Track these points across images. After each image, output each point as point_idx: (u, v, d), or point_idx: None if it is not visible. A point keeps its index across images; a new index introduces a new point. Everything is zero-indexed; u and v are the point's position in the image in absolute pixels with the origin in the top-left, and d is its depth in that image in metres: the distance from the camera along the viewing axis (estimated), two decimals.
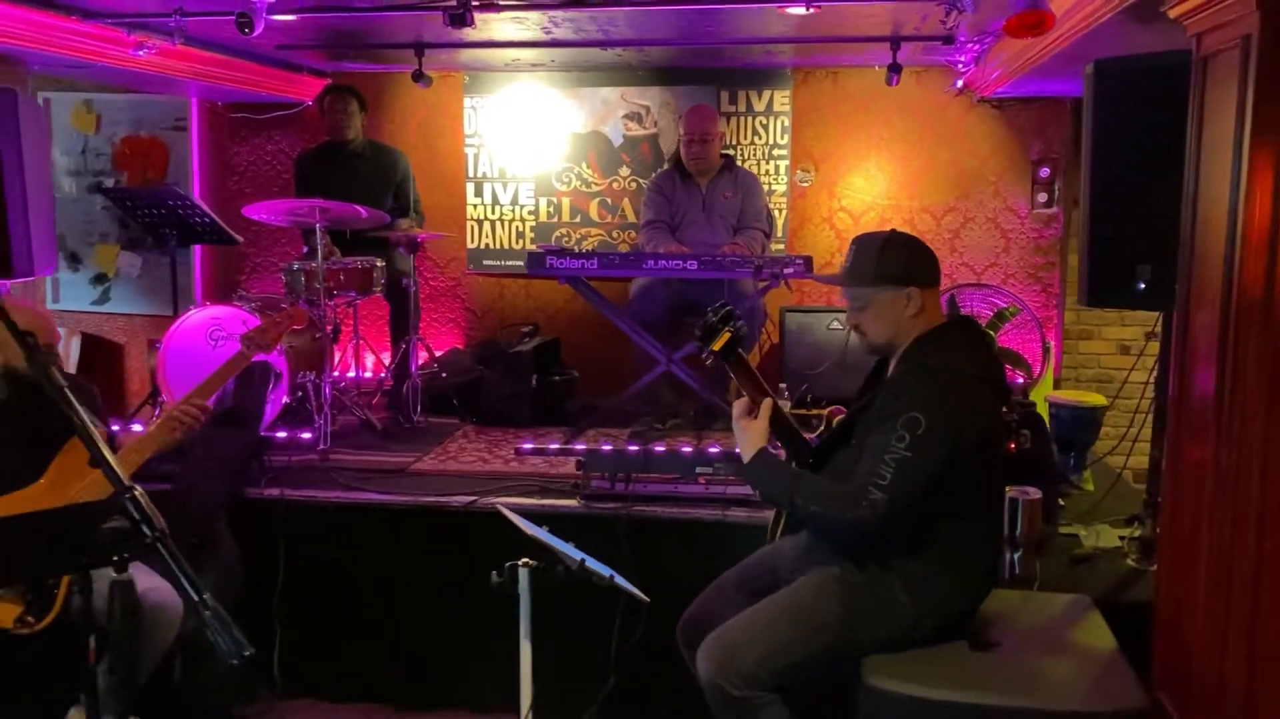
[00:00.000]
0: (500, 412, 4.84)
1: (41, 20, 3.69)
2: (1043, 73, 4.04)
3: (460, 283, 5.98)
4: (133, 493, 1.62)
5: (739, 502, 3.53)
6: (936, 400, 2.35)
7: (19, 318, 3.11)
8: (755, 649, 2.41)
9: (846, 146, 5.56)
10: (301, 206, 4.30)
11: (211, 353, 4.21)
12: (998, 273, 5.44)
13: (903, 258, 2.51)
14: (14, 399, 3.08)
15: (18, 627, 2.92)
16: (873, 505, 2.31)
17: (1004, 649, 2.48)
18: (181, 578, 1.59)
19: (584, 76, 5.66)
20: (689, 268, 4.28)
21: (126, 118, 5.91)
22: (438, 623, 3.67)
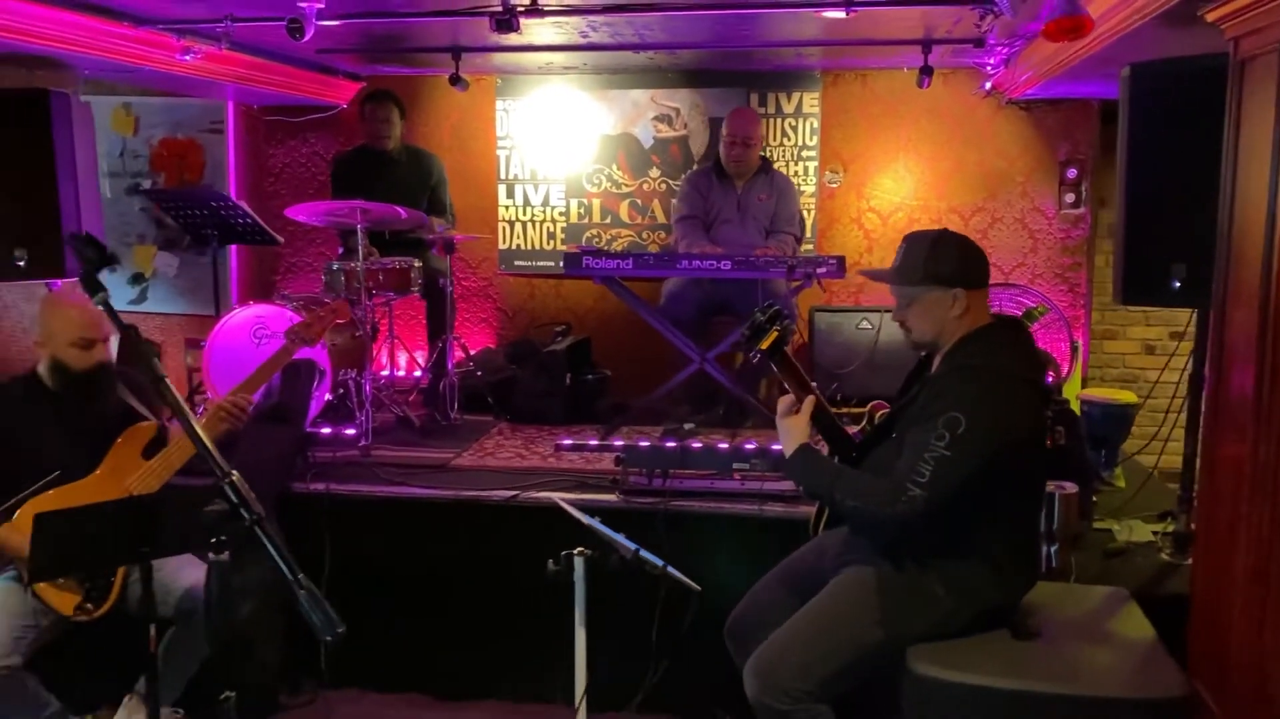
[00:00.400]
0: (534, 409, 4.91)
1: (94, 26, 3.78)
2: (1073, 75, 4.09)
3: (492, 283, 6.07)
4: (231, 478, 1.69)
5: (775, 497, 3.59)
6: (978, 401, 2.39)
7: (74, 313, 3.24)
8: (798, 663, 2.46)
9: (875, 148, 5.62)
10: (342, 208, 4.38)
11: (255, 350, 4.29)
12: (1025, 272, 5.49)
13: (951, 258, 2.55)
14: (65, 392, 3.18)
15: (77, 614, 3.01)
16: (911, 502, 2.37)
17: (1045, 639, 2.54)
18: (277, 558, 1.66)
19: (614, 79, 5.74)
20: (722, 268, 4.34)
21: (164, 120, 6.01)
22: (479, 615, 3.74)
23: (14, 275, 3.91)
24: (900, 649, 2.48)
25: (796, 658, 2.47)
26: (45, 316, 3.19)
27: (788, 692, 2.43)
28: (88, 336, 3.13)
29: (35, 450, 3.11)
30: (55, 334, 3.14)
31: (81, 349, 3.13)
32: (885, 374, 5.05)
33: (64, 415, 3.19)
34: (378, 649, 3.79)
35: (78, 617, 3.02)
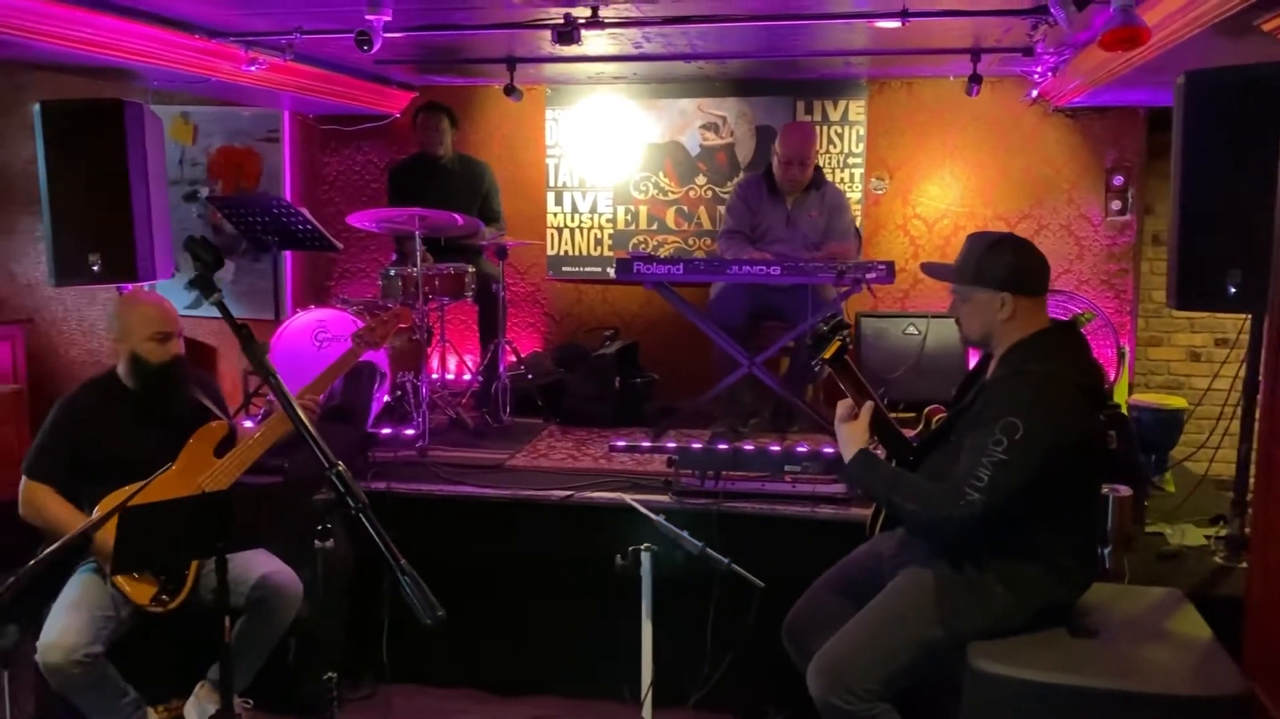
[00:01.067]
0: (584, 412, 5.00)
1: (167, 38, 3.92)
2: (1123, 83, 4.13)
3: (540, 288, 6.17)
4: (337, 468, 1.78)
5: (827, 499, 3.65)
6: (1034, 406, 2.43)
7: (149, 309, 3.35)
8: (861, 663, 2.51)
9: (921, 155, 5.67)
10: (401, 215, 4.49)
11: (317, 353, 4.41)
12: (1071, 279, 5.51)
13: (1004, 263, 2.59)
14: (143, 389, 3.30)
15: (153, 605, 3.12)
16: (969, 506, 2.41)
17: (1103, 637, 2.58)
18: (382, 545, 1.74)
19: (662, 88, 5.83)
20: (772, 273, 4.39)
21: (221, 129, 6.17)
22: (534, 611, 3.82)
23: (89, 279, 4.05)
24: (960, 646, 2.52)
25: (860, 657, 2.52)
26: (122, 315, 3.30)
27: (853, 690, 2.48)
28: (163, 331, 3.25)
29: (116, 448, 3.22)
30: (133, 330, 3.25)
31: (159, 343, 3.25)
32: (932, 379, 5.11)
33: (142, 414, 3.30)
34: (435, 645, 3.86)
35: (153, 608, 3.13)
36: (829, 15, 3.68)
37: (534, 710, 3.75)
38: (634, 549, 2.57)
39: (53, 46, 3.51)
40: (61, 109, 4.02)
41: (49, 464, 3.20)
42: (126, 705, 3.15)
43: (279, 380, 1.93)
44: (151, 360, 3.24)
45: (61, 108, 4.02)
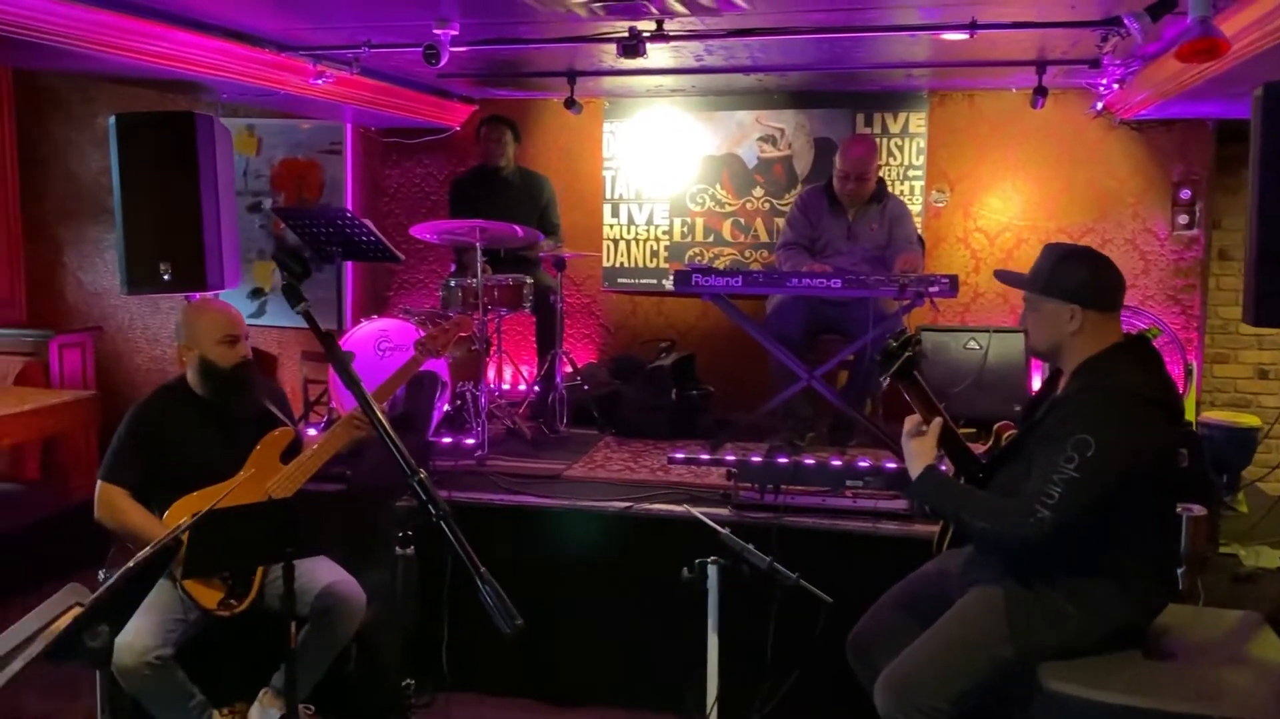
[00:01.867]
0: (640, 423, 5.00)
1: (239, 52, 4.00)
2: (1194, 95, 4.06)
3: (596, 300, 6.19)
4: (419, 476, 1.80)
5: (889, 515, 3.62)
6: (1107, 423, 2.39)
7: (217, 314, 3.42)
8: (929, 681, 2.48)
9: (982, 168, 5.61)
10: (462, 226, 4.54)
11: (379, 362, 4.46)
12: (1136, 294, 5.42)
13: (1077, 275, 2.56)
14: (213, 394, 3.36)
15: (220, 609, 3.17)
16: (1040, 523, 2.38)
17: (1179, 659, 2.52)
18: (461, 552, 1.76)
19: (720, 100, 5.84)
20: (833, 286, 4.36)
21: (285, 141, 6.28)
22: (592, 622, 3.82)
23: (159, 288, 4.14)
24: (1031, 666, 2.48)
25: (929, 675, 2.49)
26: (191, 321, 3.36)
27: (921, 709, 2.46)
28: (232, 334, 3.32)
29: (186, 453, 3.28)
30: (202, 335, 3.31)
31: (228, 346, 3.31)
32: (993, 394, 5.05)
33: (212, 420, 3.36)
34: (494, 654, 3.88)
35: (220, 612, 3.18)
36: (895, 28, 3.66)
37: None
38: (700, 562, 2.57)
39: (130, 60, 3.60)
40: (134, 121, 4.11)
41: (123, 469, 3.26)
42: (194, 708, 3.20)
43: (363, 388, 1.95)
44: (221, 364, 3.30)
45: (134, 120, 4.11)
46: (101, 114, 6.48)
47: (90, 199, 6.59)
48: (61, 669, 3.96)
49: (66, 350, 5.56)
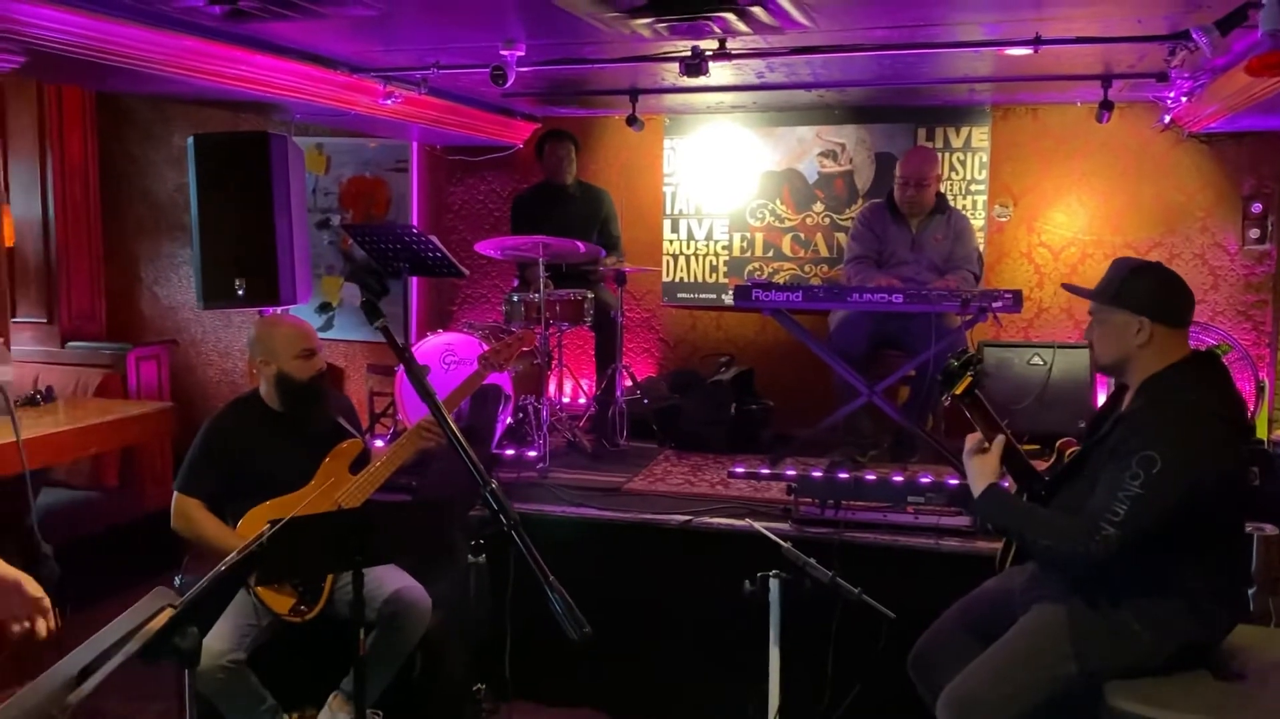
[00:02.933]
0: (699, 437, 5.04)
1: (314, 74, 4.13)
2: (1265, 108, 4.00)
3: (655, 315, 6.24)
4: (492, 486, 1.85)
5: (952, 531, 3.60)
6: (1173, 440, 2.38)
7: (292, 330, 3.52)
8: (992, 699, 2.48)
9: (1046, 182, 5.57)
10: (526, 243, 4.62)
11: (444, 375, 4.55)
12: (1206, 309, 5.32)
13: (1147, 288, 2.55)
14: (288, 406, 3.46)
15: (291, 615, 3.26)
16: (1105, 541, 2.37)
17: (1250, 681, 2.49)
18: (531, 561, 1.81)
19: (780, 116, 5.87)
20: (894, 300, 4.36)
21: (353, 160, 6.43)
22: (654, 635, 3.85)
23: (234, 302, 4.28)
24: (1097, 686, 2.47)
25: (992, 693, 2.49)
26: (267, 336, 3.47)
27: None
28: (309, 347, 3.42)
29: (260, 465, 3.38)
30: (279, 350, 3.42)
31: (305, 359, 3.41)
32: (1057, 410, 4.99)
33: (285, 432, 3.46)
34: (556, 665, 3.93)
35: (291, 618, 3.27)
36: (958, 44, 3.66)
37: None
38: (762, 575, 2.59)
39: (214, 84, 3.74)
40: (212, 141, 4.27)
41: (198, 481, 3.37)
42: (265, 712, 3.29)
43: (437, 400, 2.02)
44: (299, 377, 3.40)
45: (212, 140, 4.27)
46: (177, 134, 6.71)
47: (165, 216, 6.81)
48: (139, 672, 4.11)
49: (143, 363, 5.75)
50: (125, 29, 3.20)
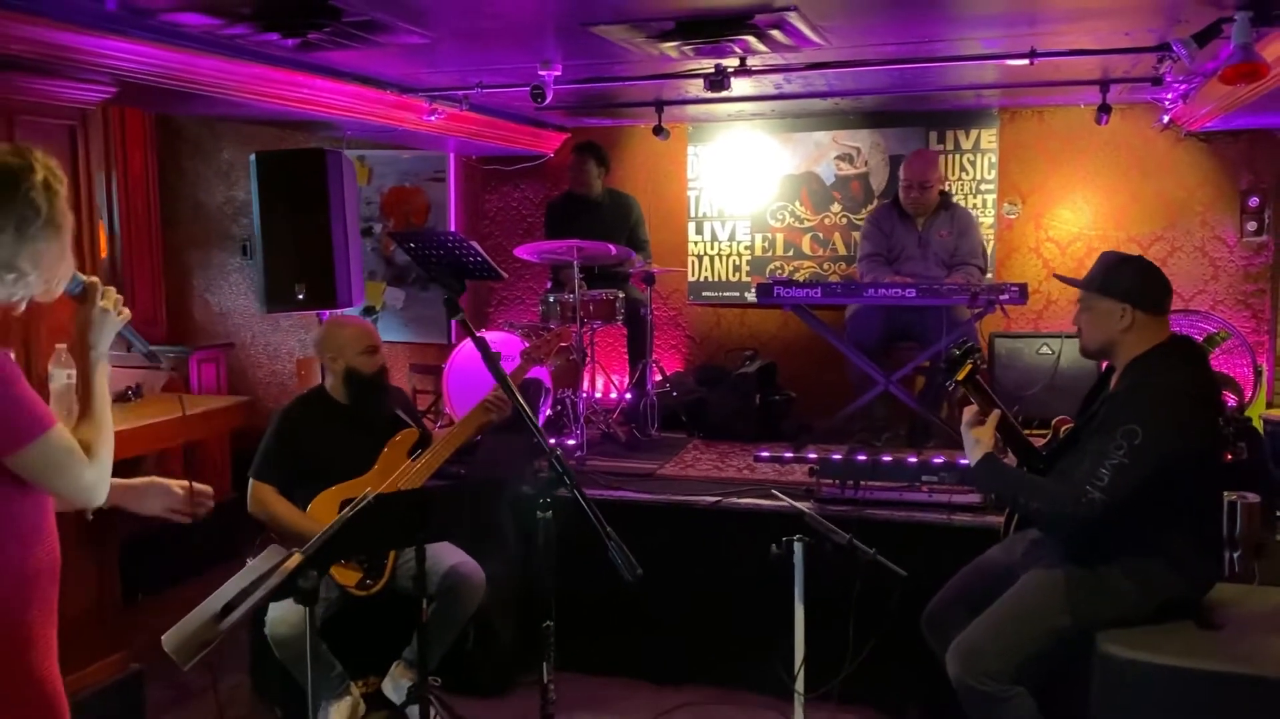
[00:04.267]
0: (725, 427, 5.33)
1: (367, 94, 4.47)
2: (1253, 109, 4.26)
3: (681, 313, 6.56)
4: (557, 452, 2.16)
5: (963, 507, 3.88)
6: (1154, 415, 2.66)
7: (356, 329, 3.85)
8: (996, 648, 2.75)
9: (1053, 180, 5.84)
10: (561, 247, 4.93)
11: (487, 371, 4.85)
12: (1206, 299, 5.58)
13: (1129, 277, 2.83)
14: (353, 399, 3.79)
15: (358, 589, 3.58)
16: (1090, 504, 2.65)
17: (1229, 630, 2.76)
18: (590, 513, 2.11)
19: (798, 122, 6.17)
20: (907, 295, 4.64)
21: (393, 171, 6.78)
22: (687, 607, 4.13)
23: (294, 306, 4.60)
24: (1089, 636, 2.75)
25: (996, 643, 2.77)
26: (335, 336, 3.80)
27: (989, 673, 2.73)
28: (373, 344, 3.77)
29: (327, 453, 3.71)
30: (346, 347, 3.75)
31: (369, 355, 3.76)
32: (1066, 397, 5.21)
33: (349, 422, 3.79)
34: (598, 636, 4.21)
35: (358, 591, 3.59)
36: (960, 57, 3.95)
37: (687, 698, 4.05)
38: (787, 539, 2.89)
39: (278, 106, 4.08)
40: (273, 158, 4.59)
41: (271, 468, 3.69)
42: (335, 678, 3.61)
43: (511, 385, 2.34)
44: (364, 371, 3.74)
45: (273, 157, 4.59)
46: (226, 149, 7.09)
47: (215, 227, 7.19)
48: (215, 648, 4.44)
49: (204, 365, 6.11)
50: (204, 60, 3.54)
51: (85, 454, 1.82)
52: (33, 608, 1.83)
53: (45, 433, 1.76)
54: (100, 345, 1.96)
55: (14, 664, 1.80)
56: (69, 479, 1.80)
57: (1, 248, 1.77)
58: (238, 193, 7.10)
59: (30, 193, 1.79)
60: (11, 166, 1.80)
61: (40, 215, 1.79)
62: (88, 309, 1.95)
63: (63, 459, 1.78)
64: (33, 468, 1.76)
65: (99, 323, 1.96)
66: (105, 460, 1.86)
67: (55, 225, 1.83)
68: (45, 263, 1.82)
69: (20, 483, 1.78)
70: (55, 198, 1.84)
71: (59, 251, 1.85)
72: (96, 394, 1.93)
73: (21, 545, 1.81)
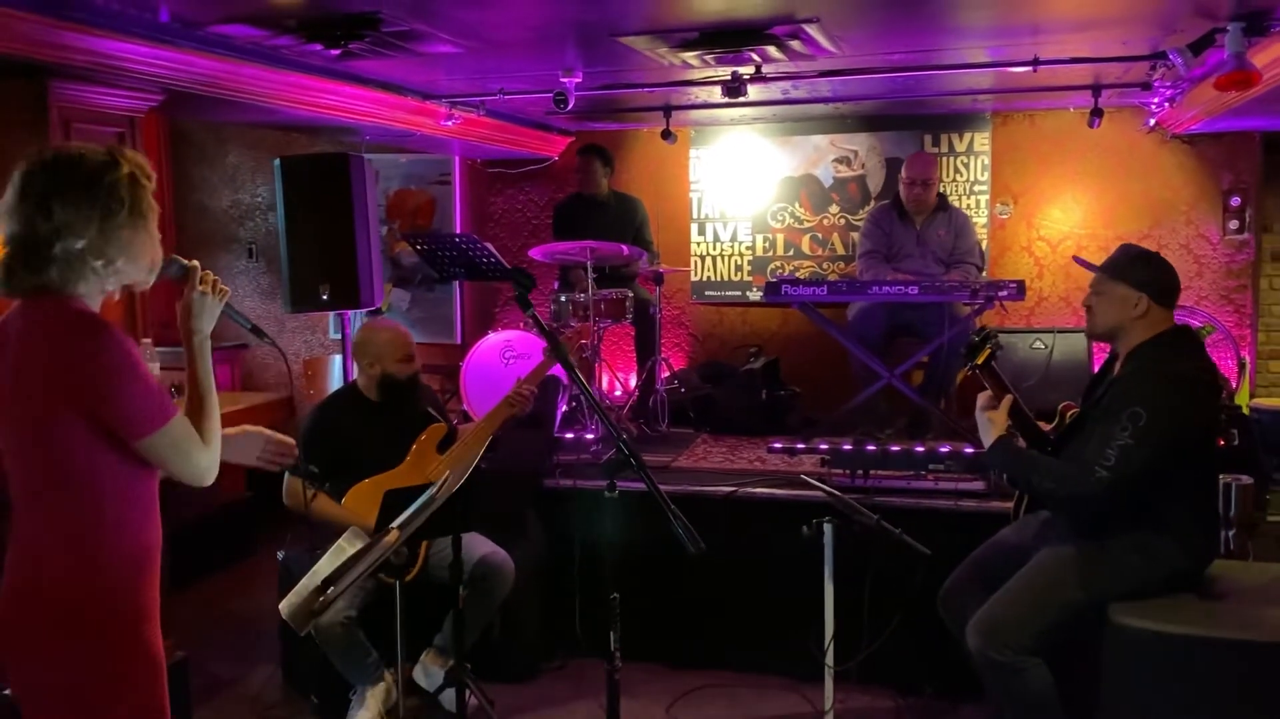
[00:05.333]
0: (733, 422, 5.51)
1: (388, 100, 4.61)
2: (1238, 113, 4.48)
3: (685, 311, 6.73)
4: (623, 435, 2.31)
5: (969, 494, 4.07)
6: (1157, 399, 2.85)
7: (395, 335, 3.98)
8: (1014, 621, 2.93)
9: (1044, 181, 6.06)
10: (574, 248, 5.08)
11: (504, 369, 5.02)
12: (1191, 295, 5.81)
13: (1148, 269, 3.01)
14: (386, 399, 3.94)
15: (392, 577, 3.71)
16: (1098, 483, 2.83)
17: (1229, 601, 2.96)
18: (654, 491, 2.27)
19: (797, 126, 6.36)
20: (909, 292, 4.82)
21: (399, 174, 6.90)
22: (704, 593, 4.29)
23: (318, 306, 4.71)
24: (1101, 609, 2.94)
25: (1013, 617, 2.95)
26: (374, 341, 3.93)
27: (1009, 645, 2.91)
28: (409, 352, 3.91)
29: (359, 447, 3.86)
30: (384, 353, 3.90)
31: (405, 362, 3.90)
32: (1059, 390, 5.42)
33: (381, 419, 3.93)
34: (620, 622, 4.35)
35: (391, 580, 3.72)
36: (967, 65, 4.14)
37: (708, 681, 4.20)
38: (817, 521, 3.06)
39: (308, 112, 4.22)
40: (297, 162, 4.67)
41: (307, 461, 3.83)
42: (370, 665, 3.74)
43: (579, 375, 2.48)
44: (400, 376, 3.89)
45: (297, 162, 4.67)
46: (231, 153, 7.19)
47: (221, 230, 7.29)
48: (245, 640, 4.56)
49: (219, 365, 6.19)
50: (246, 68, 3.68)
51: (201, 439, 1.96)
52: (146, 580, 1.98)
53: (170, 420, 1.90)
54: (203, 329, 2.08)
55: (131, 634, 1.94)
56: (190, 464, 1.94)
57: (90, 238, 1.89)
58: (244, 196, 7.21)
59: (116, 185, 1.92)
60: (96, 162, 1.93)
61: (124, 206, 1.92)
62: (189, 294, 2.07)
63: (185, 445, 1.92)
64: (159, 452, 1.90)
65: (199, 306, 2.07)
66: (216, 443, 2.00)
67: (141, 215, 1.96)
68: (133, 251, 1.95)
69: (143, 464, 1.92)
70: (140, 190, 1.97)
71: (146, 240, 1.97)
72: (202, 376, 2.05)
73: (140, 523, 1.96)
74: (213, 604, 5.06)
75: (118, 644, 1.93)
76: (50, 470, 1.90)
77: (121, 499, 1.94)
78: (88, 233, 1.89)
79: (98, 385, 1.85)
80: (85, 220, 1.88)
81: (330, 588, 1.94)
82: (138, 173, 1.98)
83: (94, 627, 1.90)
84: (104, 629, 1.91)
